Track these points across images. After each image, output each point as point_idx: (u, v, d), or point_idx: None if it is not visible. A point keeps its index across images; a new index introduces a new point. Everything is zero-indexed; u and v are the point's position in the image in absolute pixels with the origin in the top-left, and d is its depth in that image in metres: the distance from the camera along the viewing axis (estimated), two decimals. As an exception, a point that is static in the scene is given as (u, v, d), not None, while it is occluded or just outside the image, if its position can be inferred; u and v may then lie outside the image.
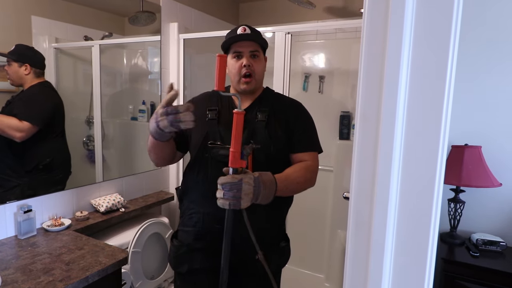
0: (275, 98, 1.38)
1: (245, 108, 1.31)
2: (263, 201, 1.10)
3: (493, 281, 1.56)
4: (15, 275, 1.26)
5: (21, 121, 1.61)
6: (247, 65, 1.25)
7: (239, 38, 1.26)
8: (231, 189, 1.02)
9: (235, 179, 1.02)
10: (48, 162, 1.76)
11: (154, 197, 2.33)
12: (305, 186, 1.26)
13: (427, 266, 0.49)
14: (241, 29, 1.27)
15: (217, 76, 1.04)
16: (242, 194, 1.03)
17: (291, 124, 1.30)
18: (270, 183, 1.10)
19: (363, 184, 0.52)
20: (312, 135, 1.36)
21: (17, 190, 1.65)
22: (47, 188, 1.76)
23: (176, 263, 1.32)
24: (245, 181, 1.03)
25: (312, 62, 2.88)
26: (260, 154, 1.22)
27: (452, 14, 0.45)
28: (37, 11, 1.67)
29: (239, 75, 1.27)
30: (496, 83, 1.79)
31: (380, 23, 0.49)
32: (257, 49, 1.28)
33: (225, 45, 1.30)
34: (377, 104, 0.50)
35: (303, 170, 1.24)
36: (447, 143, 0.48)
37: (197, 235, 1.27)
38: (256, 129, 1.26)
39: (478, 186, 1.70)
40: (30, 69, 1.66)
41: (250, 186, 1.04)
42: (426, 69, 0.47)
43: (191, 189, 1.31)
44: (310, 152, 1.31)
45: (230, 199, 1.03)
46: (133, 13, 2.24)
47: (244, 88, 1.28)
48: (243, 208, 1.04)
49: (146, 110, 2.39)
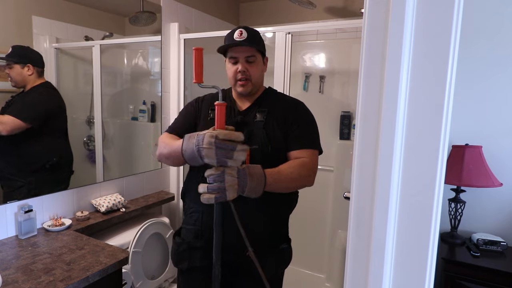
0: (276, 98, 1.39)
1: (245, 109, 1.33)
2: (251, 194, 1.09)
3: (494, 281, 1.56)
4: (16, 275, 1.26)
5: (5, 115, 1.58)
6: (242, 70, 1.27)
7: (233, 44, 1.26)
8: (215, 181, 1.02)
9: (218, 171, 1.02)
10: (54, 161, 1.78)
11: (154, 197, 2.34)
12: (300, 182, 1.24)
13: (427, 266, 0.49)
14: (237, 33, 1.26)
15: (194, 69, 1.03)
16: (226, 186, 1.02)
17: (288, 122, 1.30)
18: (258, 176, 1.09)
19: (364, 184, 0.52)
20: (311, 133, 1.34)
21: (24, 189, 1.66)
22: (52, 187, 1.77)
23: (177, 260, 1.34)
24: (227, 172, 1.03)
25: (313, 62, 2.88)
26: (258, 154, 1.22)
27: (452, 13, 0.45)
28: (38, 11, 1.68)
29: (235, 79, 1.30)
30: (497, 83, 1.79)
31: (381, 22, 0.49)
32: (253, 54, 1.28)
33: (221, 50, 1.32)
34: (378, 104, 0.50)
35: (298, 166, 1.22)
36: (448, 143, 0.48)
37: (197, 233, 1.30)
38: (254, 130, 1.26)
39: (478, 186, 1.70)
40: (33, 69, 1.66)
41: (234, 178, 1.04)
42: (426, 68, 0.47)
43: (192, 187, 1.32)
44: (307, 149, 1.29)
45: (215, 192, 1.02)
46: (133, 13, 2.24)
47: (240, 91, 1.30)
48: (229, 199, 1.04)
49: (147, 110, 2.39)
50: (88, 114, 2.05)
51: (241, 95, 1.35)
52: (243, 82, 1.28)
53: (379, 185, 0.50)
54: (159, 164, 2.48)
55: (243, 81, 1.28)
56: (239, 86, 1.29)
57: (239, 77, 1.28)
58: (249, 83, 1.29)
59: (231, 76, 1.30)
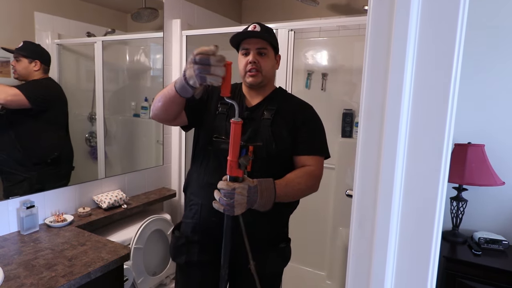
0: (285, 98, 1.37)
1: (254, 105, 1.32)
2: (259, 208, 1.11)
3: (495, 279, 1.56)
4: (18, 270, 1.26)
5: (11, 87, 1.60)
6: (253, 61, 1.26)
7: (245, 35, 1.27)
8: (225, 196, 1.04)
9: (229, 187, 1.04)
10: (56, 156, 1.79)
11: (156, 194, 2.34)
12: (306, 193, 1.26)
13: (430, 264, 0.49)
14: (251, 27, 1.29)
15: (224, 83, 1.00)
16: (235, 203, 1.04)
17: (297, 125, 1.29)
18: (268, 192, 1.11)
19: (367, 181, 0.52)
20: (319, 139, 1.33)
21: (25, 183, 1.67)
22: (53, 182, 1.78)
23: (175, 254, 1.35)
24: (237, 191, 1.04)
25: (315, 59, 2.87)
26: (262, 151, 1.22)
27: (458, 10, 0.44)
28: (40, 7, 1.67)
29: (245, 71, 1.29)
30: (500, 81, 1.78)
31: (385, 19, 0.48)
32: (264, 47, 1.27)
33: (233, 43, 1.31)
34: (382, 102, 0.49)
35: (305, 176, 1.23)
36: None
37: (195, 227, 1.30)
38: (261, 127, 1.26)
39: (481, 184, 1.69)
40: (40, 66, 1.69)
41: (243, 197, 1.05)
42: (431, 66, 0.47)
43: (193, 180, 1.33)
44: (314, 156, 1.29)
45: (224, 205, 1.05)
46: (135, 10, 2.24)
47: (250, 81, 1.29)
48: (236, 214, 1.06)
49: (149, 107, 2.39)
50: (90, 110, 2.05)
51: (251, 88, 1.33)
52: (253, 73, 1.27)
53: (382, 182, 0.50)
54: (161, 161, 2.48)
55: (253, 71, 1.27)
56: (249, 77, 1.28)
57: (249, 68, 1.27)
58: (259, 75, 1.28)
59: (242, 68, 1.30)
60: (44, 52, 1.70)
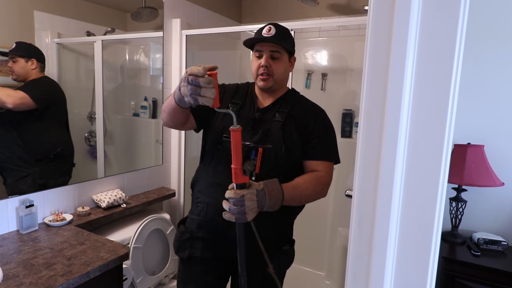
0: (297, 100, 1.36)
1: (265, 107, 1.32)
2: (269, 210, 1.11)
3: (494, 280, 1.56)
4: (17, 269, 1.26)
5: (17, 91, 1.62)
6: (265, 65, 1.26)
7: (258, 39, 1.26)
8: (235, 205, 1.04)
9: (237, 195, 1.03)
10: (58, 151, 1.81)
11: (155, 193, 2.34)
12: (314, 198, 1.25)
13: (429, 264, 0.49)
14: (266, 29, 1.27)
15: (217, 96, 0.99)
16: (246, 210, 1.04)
17: (309, 129, 1.28)
18: (276, 193, 1.11)
19: (367, 182, 0.52)
20: (329, 144, 1.33)
21: (28, 179, 1.68)
22: (56, 177, 1.80)
23: (178, 248, 1.36)
24: (247, 197, 1.04)
25: (315, 59, 2.87)
26: (271, 153, 1.22)
27: (459, 11, 0.44)
28: (39, 6, 1.67)
29: (257, 74, 1.29)
30: (499, 82, 1.78)
31: (386, 18, 0.48)
32: (278, 50, 1.27)
33: (247, 44, 1.31)
34: (382, 102, 0.49)
35: (314, 182, 1.23)
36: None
37: (200, 224, 1.31)
38: (271, 129, 1.25)
39: (480, 185, 1.69)
40: (37, 64, 1.69)
41: (254, 202, 1.05)
42: (431, 66, 0.47)
43: (201, 178, 1.34)
44: (324, 161, 1.29)
45: (236, 214, 1.05)
46: (135, 9, 2.23)
47: (261, 85, 1.29)
48: (249, 220, 1.07)
49: (148, 107, 2.39)
50: (90, 109, 2.05)
51: (262, 91, 1.33)
52: (265, 77, 1.27)
53: (382, 183, 0.50)
54: (161, 160, 2.48)
55: (265, 75, 1.27)
56: (260, 81, 1.28)
57: (261, 72, 1.27)
58: (271, 79, 1.28)
59: (254, 70, 1.30)
60: (37, 50, 1.70)
